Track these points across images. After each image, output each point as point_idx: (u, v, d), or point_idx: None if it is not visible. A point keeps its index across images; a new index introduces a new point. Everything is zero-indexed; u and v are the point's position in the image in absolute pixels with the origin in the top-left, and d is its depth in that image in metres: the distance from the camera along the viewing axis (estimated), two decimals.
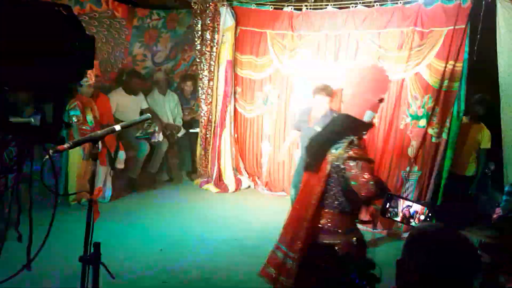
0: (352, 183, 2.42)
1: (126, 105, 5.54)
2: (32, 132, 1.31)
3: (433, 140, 4.57)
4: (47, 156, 1.66)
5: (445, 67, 4.43)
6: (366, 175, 2.37)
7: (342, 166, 2.46)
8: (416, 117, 4.62)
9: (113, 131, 2.20)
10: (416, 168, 4.66)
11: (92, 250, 2.06)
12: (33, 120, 1.43)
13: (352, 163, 2.43)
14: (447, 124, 4.49)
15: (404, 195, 4.56)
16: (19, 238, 1.45)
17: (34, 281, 3.21)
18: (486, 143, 4.62)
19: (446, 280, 1.14)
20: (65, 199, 4.83)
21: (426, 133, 4.57)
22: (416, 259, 1.18)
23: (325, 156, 2.52)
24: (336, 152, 2.50)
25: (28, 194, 1.46)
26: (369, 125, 2.60)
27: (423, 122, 4.58)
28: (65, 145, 1.91)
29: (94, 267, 2.06)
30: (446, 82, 4.46)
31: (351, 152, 2.44)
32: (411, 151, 4.67)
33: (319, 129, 4.24)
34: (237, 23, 5.77)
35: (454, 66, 4.39)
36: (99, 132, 2.17)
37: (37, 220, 1.47)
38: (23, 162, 1.36)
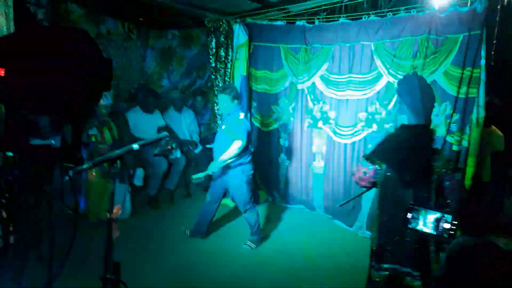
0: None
1: (143, 124, 5.62)
2: (53, 154, 1.34)
3: (454, 148, 4.48)
4: (67, 177, 1.69)
5: (462, 73, 4.36)
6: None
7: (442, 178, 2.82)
8: (434, 126, 4.55)
9: (131, 150, 2.23)
10: (436, 177, 4.56)
11: (112, 269, 2.07)
12: (53, 142, 1.45)
13: (450, 174, 2.81)
14: (467, 131, 4.41)
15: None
16: (39, 258, 1.47)
17: None
18: (499, 146, 4.54)
19: None
20: (85, 217, 4.89)
21: (445, 141, 4.49)
22: (458, 276, 1.12)
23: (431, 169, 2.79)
24: (438, 164, 2.81)
25: (49, 214, 1.49)
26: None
27: (441, 130, 4.51)
28: (85, 166, 1.94)
29: (114, 286, 2.07)
30: (464, 89, 4.38)
31: (451, 163, 2.86)
32: None
33: (223, 126, 4.52)
34: (250, 39, 5.82)
35: (471, 72, 4.31)
36: (117, 151, 2.19)
37: (58, 239, 1.49)
38: (44, 183, 1.39)
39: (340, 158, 5.33)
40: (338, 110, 5.30)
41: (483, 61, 4.25)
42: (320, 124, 5.52)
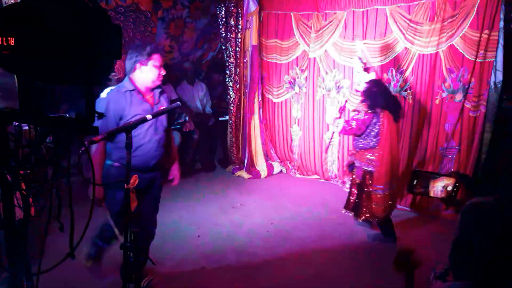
0: None
1: None
2: (67, 125, 1.34)
3: (471, 114, 4.39)
4: (83, 148, 1.70)
5: (480, 37, 4.22)
6: None
7: None
8: (452, 91, 4.45)
9: (145, 120, 2.23)
10: (454, 143, 4.51)
11: (132, 238, 2.12)
12: (68, 115, 1.46)
13: None
14: (485, 96, 4.30)
15: (442, 172, 4.44)
16: (61, 228, 1.50)
17: (78, 269, 3.34)
18: None
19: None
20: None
21: (463, 107, 4.40)
22: (476, 236, 1.11)
23: None
24: None
25: (67, 186, 1.51)
26: None
27: (459, 96, 4.40)
28: (100, 136, 1.95)
29: (135, 254, 2.12)
30: (481, 53, 4.25)
31: None
32: (448, 127, 4.52)
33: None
34: (260, 7, 5.70)
35: (489, 35, 4.17)
36: (131, 122, 2.20)
37: (77, 211, 1.52)
38: (61, 155, 1.40)
39: None
40: (352, 79, 5.20)
41: (502, 24, 4.10)
42: (333, 93, 5.44)
